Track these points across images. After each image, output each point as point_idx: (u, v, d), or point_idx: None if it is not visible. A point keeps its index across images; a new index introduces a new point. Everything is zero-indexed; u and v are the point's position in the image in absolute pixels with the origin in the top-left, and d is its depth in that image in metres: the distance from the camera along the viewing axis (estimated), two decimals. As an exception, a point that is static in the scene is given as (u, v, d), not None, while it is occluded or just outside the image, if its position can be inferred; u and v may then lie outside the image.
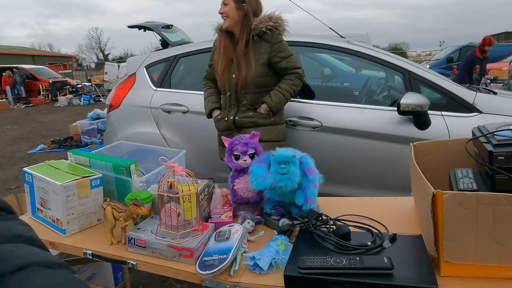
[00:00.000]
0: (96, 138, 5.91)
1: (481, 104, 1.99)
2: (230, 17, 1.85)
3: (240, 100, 1.92)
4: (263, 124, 1.91)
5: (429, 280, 0.79)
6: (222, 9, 1.86)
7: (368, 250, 0.92)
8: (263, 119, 1.90)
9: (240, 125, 1.92)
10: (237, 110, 1.92)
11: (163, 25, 3.95)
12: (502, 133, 0.87)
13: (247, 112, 1.90)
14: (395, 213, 1.23)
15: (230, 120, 1.92)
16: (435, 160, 1.18)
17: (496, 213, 0.78)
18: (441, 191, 0.80)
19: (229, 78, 1.90)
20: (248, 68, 1.84)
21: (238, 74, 1.87)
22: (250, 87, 1.87)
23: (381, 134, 2.06)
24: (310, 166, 1.17)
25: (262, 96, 1.90)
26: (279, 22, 1.87)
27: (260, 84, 1.88)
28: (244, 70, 1.85)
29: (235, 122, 1.92)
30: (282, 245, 1.01)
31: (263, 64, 1.85)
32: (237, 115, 1.91)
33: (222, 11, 1.86)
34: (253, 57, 1.85)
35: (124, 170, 1.32)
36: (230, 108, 1.94)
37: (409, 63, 2.21)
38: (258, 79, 1.86)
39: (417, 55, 23.35)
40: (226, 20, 1.86)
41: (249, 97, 1.90)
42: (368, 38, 7.07)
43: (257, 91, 1.89)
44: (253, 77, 1.85)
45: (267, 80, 1.89)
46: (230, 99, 1.94)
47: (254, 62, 1.84)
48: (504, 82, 6.44)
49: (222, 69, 1.92)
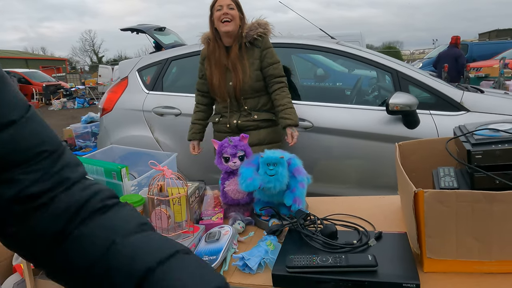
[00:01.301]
0: (90, 141, 5.90)
1: (468, 102, 2.03)
2: (234, 21, 1.85)
3: (241, 105, 1.94)
4: (265, 127, 1.95)
5: (411, 276, 0.81)
6: (227, 11, 1.82)
7: (354, 248, 0.94)
8: (265, 122, 1.95)
9: (242, 128, 1.95)
10: (240, 115, 1.95)
11: (156, 27, 3.95)
12: (481, 133, 0.90)
13: (249, 116, 1.94)
14: (383, 212, 1.26)
15: (233, 124, 1.95)
16: (420, 159, 1.21)
17: (475, 210, 0.80)
18: (422, 190, 0.82)
19: (227, 87, 1.91)
20: (244, 73, 1.86)
21: (235, 81, 1.88)
22: (248, 92, 1.90)
23: (372, 134, 2.09)
24: (298, 167, 1.19)
25: (261, 99, 1.93)
26: (267, 28, 1.91)
27: (257, 88, 1.91)
28: (240, 75, 1.86)
29: (238, 126, 1.95)
30: (271, 245, 1.03)
31: (257, 69, 1.89)
32: (239, 119, 1.94)
33: (227, 12, 1.82)
34: (248, 63, 1.88)
35: (115, 174, 1.33)
36: (232, 114, 1.96)
37: (397, 63, 2.25)
38: (255, 84, 1.89)
39: (411, 53, 23.52)
40: (229, 24, 1.84)
41: (249, 102, 1.93)
42: (361, 38, 7.12)
43: (256, 95, 1.93)
44: (250, 82, 1.88)
45: (263, 84, 1.93)
46: (231, 106, 1.96)
47: (249, 67, 1.87)
48: (494, 80, 6.52)
49: (218, 81, 1.91)
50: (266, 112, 1.95)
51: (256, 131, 1.94)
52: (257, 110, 1.93)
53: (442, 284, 0.84)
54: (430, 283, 0.84)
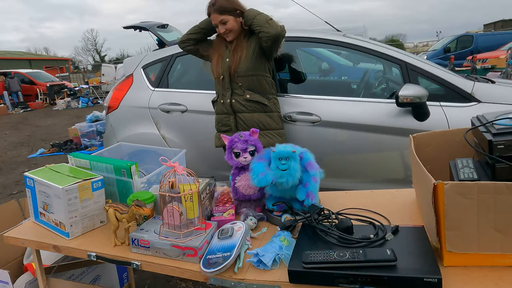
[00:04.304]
0: (96, 140, 5.91)
1: (480, 93, 1.98)
2: (233, 31, 1.94)
3: (234, 82, 1.96)
4: (258, 111, 1.97)
5: (433, 271, 0.79)
6: (222, 28, 1.92)
7: (371, 243, 0.93)
8: (258, 104, 1.96)
9: (237, 110, 1.98)
10: (232, 93, 1.97)
11: (159, 24, 3.92)
12: (501, 122, 0.87)
13: (242, 95, 1.96)
14: (397, 206, 1.24)
15: (227, 103, 1.98)
16: (435, 151, 1.18)
17: (497, 202, 0.78)
18: (442, 182, 0.80)
19: (223, 63, 1.96)
20: (241, 51, 1.92)
21: (231, 58, 1.94)
22: (243, 70, 1.92)
23: (381, 127, 2.06)
24: (310, 161, 1.17)
25: (255, 79, 1.95)
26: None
27: (252, 67, 1.93)
28: (238, 53, 1.92)
29: (232, 106, 1.97)
30: (285, 241, 1.01)
31: (254, 47, 1.93)
32: (233, 98, 1.96)
33: (223, 30, 1.92)
34: (246, 43, 1.94)
35: (125, 171, 1.32)
36: (225, 92, 1.99)
37: (406, 55, 2.21)
38: (250, 62, 1.92)
39: (414, 46, 23.28)
40: (230, 34, 1.94)
41: (242, 80, 1.94)
42: (364, 31, 7.04)
43: (249, 73, 1.94)
44: (245, 60, 1.91)
45: (258, 63, 1.94)
46: (224, 83, 1.98)
47: (246, 47, 1.93)
48: (502, 71, 6.43)
49: (216, 59, 2.00)
50: (259, 95, 1.97)
51: (250, 114, 1.95)
52: (250, 90, 1.96)
53: (463, 278, 0.82)
54: (451, 278, 0.82)
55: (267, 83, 1.99)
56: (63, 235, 1.25)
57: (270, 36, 1.81)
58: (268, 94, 2.00)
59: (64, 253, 1.23)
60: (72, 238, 1.24)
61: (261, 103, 1.96)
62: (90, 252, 1.15)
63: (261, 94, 1.97)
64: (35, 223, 1.39)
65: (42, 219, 1.34)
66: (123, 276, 1.85)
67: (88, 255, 1.15)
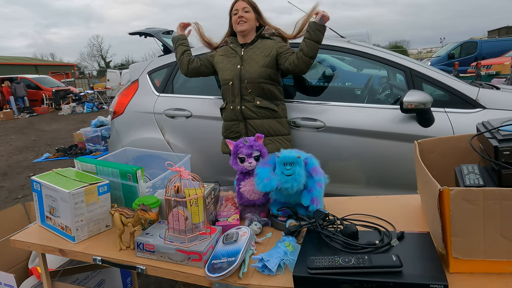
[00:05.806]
0: (100, 145, 5.95)
1: (485, 99, 1.98)
2: (248, 23, 1.96)
3: (244, 88, 1.96)
4: (268, 117, 1.96)
5: (439, 277, 0.79)
6: (242, 14, 1.94)
7: (376, 248, 0.92)
8: (267, 111, 1.96)
9: (246, 116, 1.97)
10: (242, 99, 1.96)
11: (164, 31, 3.96)
12: (507, 128, 0.87)
13: (252, 102, 1.95)
14: (402, 211, 1.24)
15: (237, 110, 1.97)
16: (440, 157, 1.18)
17: (504, 208, 0.78)
18: (448, 188, 0.80)
19: (235, 70, 1.97)
20: (254, 61, 1.94)
21: (245, 65, 1.95)
22: (254, 76, 1.92)
23: (385, 133, 2.05)
24: (315, 167, 1.17)
25: (264, 86, 1.95)
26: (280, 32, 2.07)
27: (263, 75, 1.93)
28: (251, 61, 1.94)
29: (242, 112, 1.97)
30: (290, 246, 1.01)
31: (267, 56, 1.94)
32: (243, 104, 1.96)
33: (242, 15, 1.94)
34: (259, 52, 1.96)
35: (130, 176, 1.33)
36: (235, 98, 1.98)
37: (410, 61, 2.21)
38: (262, 70, 1.92)
39: (418, 52, 23.29)
40: (244, 24, 1.96)
41: (252, 86, 1.94)
42: (368, 37, 7.06)
43: (260, 81, 1.94)
44: (258, 68, 1.92)
45: (269, 72, 1.94)
46: (233, 89, 1.97)
47: (259, 55, 1.94)
48: (506, 77, 6.41)
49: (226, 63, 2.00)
50: (269, 102, 1.97)
51: (260, 121, 1.96)
52: (259, 96, 1.96)
53: (469, 285, 0.82)
54: (457, 284, 0.82)
55: (276, 90, 2.00)
56: (69, 239, 1.26)
57: (299, 71, 1.89)
58: (276, 100, 2.01)
59: (69, 257, 1.24)
60: (78, 242, 1.25)
61: (271, 109, 1.97)
62: (95, 256, 1.16)
63: (270, 100, 1.98)
64: (41, 227, 1.40)
65: (48, 223, 1.35)
66: (127, 280, 1.85)
67: (94, 259, 1.16)
